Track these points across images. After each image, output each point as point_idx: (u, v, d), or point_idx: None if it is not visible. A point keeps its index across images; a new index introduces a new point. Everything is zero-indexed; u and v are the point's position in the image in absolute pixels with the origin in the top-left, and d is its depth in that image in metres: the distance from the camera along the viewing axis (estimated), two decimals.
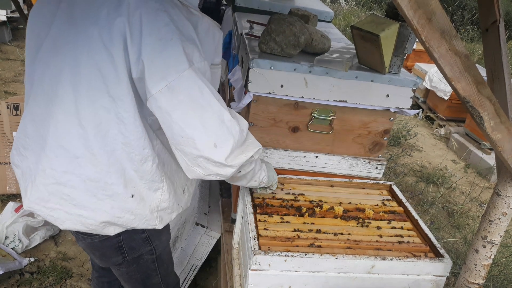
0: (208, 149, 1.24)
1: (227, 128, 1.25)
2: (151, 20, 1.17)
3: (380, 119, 1.95)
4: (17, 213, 2.96)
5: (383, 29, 1.68)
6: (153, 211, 1.44)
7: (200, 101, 1.21)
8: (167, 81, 1.17)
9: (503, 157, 1.14)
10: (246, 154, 1.34)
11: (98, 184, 1.32)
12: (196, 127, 1.22)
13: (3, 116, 3.18)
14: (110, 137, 1.28)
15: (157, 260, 1.62)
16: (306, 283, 1.42)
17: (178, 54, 1.17)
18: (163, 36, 1.16)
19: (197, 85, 1.20)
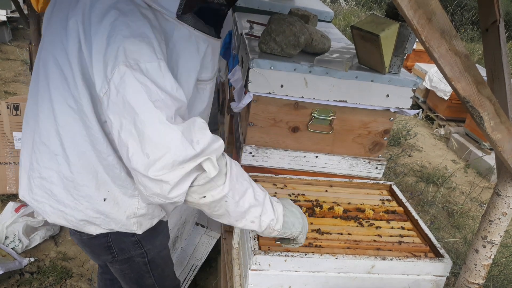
0: (139, 159, 1.06)
1: (160, 134, 1.05)
2: (100, 18, 1.11)
3: (380, 119, 1.95)
4: (17, 213, 2.96)
5: (383, 29, 1.68)
6: (130, 217, 1.40)
7: (130, 101, 1.06)
8: (107, 82, 1.08)
9: (503, 157, 1.14)
10: (185, 165, 1.07)
11: (72, 183, 1.32)
12: (131, 133, 1.07)
13: (3, 116, 3.19)
14: (79, 138, 1.26)
15: (149, 263, 1.60)
16: (306, 283, 1.42)
17: (116, 51, 1.07)
18: (108, 33, 1.09)
19: (129, 84, 1.06)
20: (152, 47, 1.09)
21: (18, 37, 7.29)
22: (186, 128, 1.08)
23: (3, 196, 3.37)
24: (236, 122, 2.40)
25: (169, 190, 1.08)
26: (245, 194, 1.19)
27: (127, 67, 1.06)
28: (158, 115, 1.06)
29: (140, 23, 1.11)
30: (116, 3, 1.12)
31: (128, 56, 1.06)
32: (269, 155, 1.96)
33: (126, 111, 1.06)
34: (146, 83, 1.06)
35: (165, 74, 1.10)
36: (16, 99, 3.20)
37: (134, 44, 1.07)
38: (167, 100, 1.08)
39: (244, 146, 1.94)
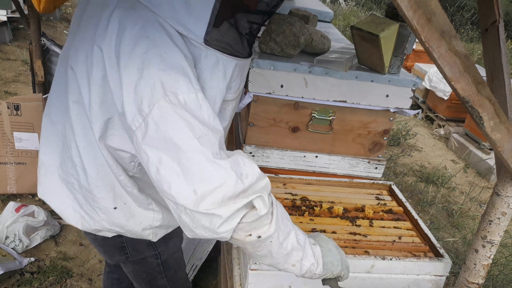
0: (186, 195, 1.03)
1: (208, 171, 1.02)
2: (131, 48, 1.05)
3: (379, 119, 1.95)
4: (18, 213, 2.96)
5: (383, 29, 1.68)
6: (145, 229, 1.40)
7: (173, 138, 1.02)
8: (142, 117, 1.03)
9: (502, 157, 1.14)
10: (237, 201, 1.04)
11: (90, 194, 1.31)
12: (174, 168, 1.03)
13: (3, 116, 3.19)
14: (98, 152, 1.24)
15: (162, 264, 1.60)
16: (306, 282, 1.42)
17: (154, 85, 1.02)
18: (140, 66, 1.03)
19: (171, 120, 1.02)
20: (188, 78, 1.05)
21: (19, 37, 7.29)
22: (234, 162, 1.06)
23: (4, 196, 3.37)
24: (236, 122, 2.41)
25: (219, 225, 1.05)
26: (288, 235, 1.14)
27: (168, 103, 1.01)
28: (204, 153, 1.02)
29: (173, 53, 1.06)
30: (145, 31, 1.06)
31: (167, 90, 1.01)
32: (269, 155, 1.96)
33: (167, 148, 1.02)
34: (188, 118, 1.03)
35: (202, 105, 1.06)
36: (16, 99, 3.20)
37: (171, 76, 1.03)
38: (209, 135, 1.05)
39: (244, 146, 1.94)
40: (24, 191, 3.41)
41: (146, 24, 1.07)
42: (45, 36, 3.50)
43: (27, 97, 3.25)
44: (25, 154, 3.31)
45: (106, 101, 1.13)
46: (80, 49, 1.16)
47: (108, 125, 1.18)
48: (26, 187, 3.39)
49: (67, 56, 1.24)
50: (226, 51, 1.17)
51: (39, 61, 3.45)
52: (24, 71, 6.05)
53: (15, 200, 3.31)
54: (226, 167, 1.03)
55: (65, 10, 9.02)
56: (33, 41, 3.39)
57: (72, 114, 1.22)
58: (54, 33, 7.62)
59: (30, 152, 3.30)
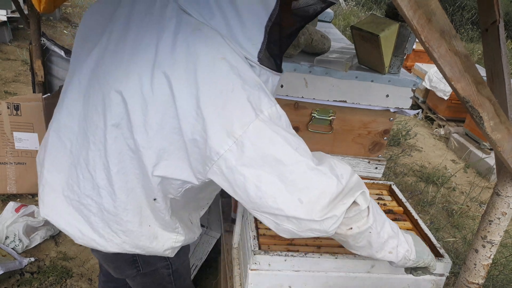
0: (294, 206, 1.05)
1: (311, 179, 1.06)
2: (208, 71, 1.03)
3: (380, 119, 1.95)
4: (18, 213, 2.96)
5: (383, 29, 1.68)
6: (166, 250, 1.39)
7: (273, 154, 1.03)
8: (234, 138, 1.02)
9: (502, 157, 1.14)
10: (345, 201, 1.09)
11: (114, 217, 1.27)
12: (275, 183, 1.04)
13: (3, 116, 3.19)
14: (131, 176, 1.21)
15: (173, 274, 1.58)
16: (306, 283, 1.42)
17: (242, 106, 1.02)
18: (223, 88, 1.02)
19: (268, 137, 1.03)
20: (266, 92, 1.06)
21: (18, 37, 7.29)
22: (330, 165, 1.10)
23: (3, 196, 3.37)
24: None
25: (331, 224, 1.09)
26: (384, 224, 1.20)
27: (261, 121, 1.02)
28: (306, 163, 1.05)
29: (248, 70, 1.07)
30: (219, 52, 1.05)
31: (256, 108, 1.02)
32: None
33: (267, 164, 1.03)
34: (281, 132, 1.05)
35: (281, 115, 1.09)
36: (16, 99, 3.20)
37: (254, 95, 1.04)
38: (301, 143, 1.08)
39: None
40: (24, 191, 3.41)
41: (217, 45, 1.06)
42: (45, 36, 3.50)
43: (27, 97, 3.25)
44: (25, 154, 3.31)
45: (163, 129, 1.10)
46: (133, 72, 1.10)
47: (162, 154, 1.14)
48: (26, 187, 3.39)
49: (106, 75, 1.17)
50: (274, 68, 1.19)
51: (39, 61, 3.46)
52: (24, 71, 6.05)
53: (15, 200, 3.31)
54: (326, 172, 1.07)
55: (65, 10, 9.02)
56: (33, 41, 3.39)
57: (109, 137, 1.17)
58: (54, 33, 7.62)
59: (30, 152, 3.30)
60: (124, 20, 1.19)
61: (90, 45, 1.25)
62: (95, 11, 1.32)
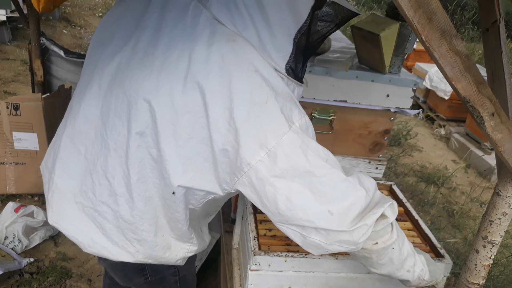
0: (324, 218, 1.06)
1: (342, 190, 1.08)
2: (242, 83, 1.04)
3: (380, 119, 1.94)
4: (17, 213, 2.96)
5: (384, 28, 1.68)
6: (178, 260, 1.38)
7: (305, 165, 1.04)
8: (266, 149, 1.03)
9: (503, 157, 1.13)
10: (374, 211, 1.10)
11: (130, 226, 1.25)
12: (305, 195, 1.05)
13: (2, 116, 3.18)
14: (150, 184, 1.19)
15: (180, 281, 1.56)
16: (306, 283, 1.41)
17: (276, 117, 1.03)
18: (257, 100, 1.03)
19: (300, 148, 1.04)
20: (296, 103, 1.08)
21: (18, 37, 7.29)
22: (358, 177, 1.11)
23: (3, 196, 3.37)
24: None
25: (360, 236, 1.10)
26: (404, 241, 1.22)
27: (294, 132, 1.04)
28: (337, 174, 1.07)
29: (279, 82, 1.08)
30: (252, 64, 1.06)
31: (288, 120, 1.04)
32: None
33: (298, 176, 1.04)
34: (313, 144, 1.06)
35: (309, 126, 1.10)
36: (15, 99, 3.20)
37: (286, 106, 1.05)
38: (330, 154, 1.09)
39: None
40: (23, 191, 3.41)
41: (251, 57, 1.06)
42: (44, 36, 3.50)
43: (26, 97, 3.24)
44: (24, 154, 3.31)
45: (193, 139, 1.09)
46: (164, 82, 1.09)
47: (188, 165, 1.13)
48: (25, 187, 3.39)
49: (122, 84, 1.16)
50: (299, 80, 1.20)
51: (38, 60, 3.45)
52: (23, 71, 6.05)
53: (14, 200, 3.31)
54: (355, 183, 1.09)
55: (65, 10, 9.02)
56: (32, 40, 3.39)
57: (132, 145, 1.15)
58: (54, 33, 7.62)
59: (29, 152, 3.30)
60: (153, 28, 1.17)
61: (112, 50, 1.22)
62: (118, 15, 1.29)
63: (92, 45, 1.34)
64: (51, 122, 3.27)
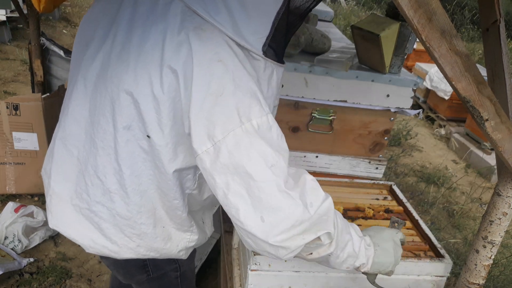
0: (253, 223, 1.03)
1: (278, 201, 1.02)
2: (203, 72, 1.03)
3: (380, 119, 1.94)
4: (17, 213, 2.96)
5: (384, 28, 1.68)
6: (181, 250, 1.38)
7: (245, 166, 1.01)
8: (213, 142, 1.02)
9: (503, 157, 1.14)
10: (305, 236, 1.06)
11: (127, 222, 1.26)
12: (242, 195, 1.03)
13: (2, 116, 3.18)
14: (144, 178, 1.20)
15: (180, 276, 1.57)
16: (306, 283, 1.41)
17: (228, 111, 1.01)
18: (213, 91, 1.02)
19: (245, 149, 1.01)
20: (259, 101, 1.04)
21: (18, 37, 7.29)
22: (301, 191, 1.06)
23: (3, 197, 3.37)
24: None
25: (285, 255, 1.07)
26: (345, 246, 1.19)
27: (243, 131, 1.01)
28: (277, 182, 1.03)
29: (244, 77, 1.04)
30: (217, 54, 1.04)
31: (242, 117, 1.01)
32: None
33: (238, 175, 1.02)
34: (262, 147, 1.02)
35: (272, 126, 1.07)
36: (15, 99, 3.20)
37: (244, 103, 1.02)
38: (280, 161, 1.05)
39: None
40: (23, 191, 3.41)
41: (217, 47, 1.05)
42: (44, 36, 3.49)
43: (26, 97, 3.24)
44: (24, 154, 3.31)
45: (176, 124, 1.11)
46: (141, 73, 1.10)
47: (177, 148, 1.15)
48: (25, 187, 3.39)
49: (104, 81, 1.17)
50: (279, 60, 1.18)
51: (38, 60, 3.45)
52: (23, 70, 6.04)
53: (14, 200, 3.30)
54: (296, 197, 1.04)
55: (65, 10, 9.02)
56: (32, 40, 3.39)
57: (121, 140, 1.16)
58: (53, 33, 7.62)
59: (29, 152, 3.30)
60: (127, 22, 1.18)
61: (94, 48, 1.23)
62: (97, 12, 1.30)
63: (75, 45, 1.34)
64: (51, 122, 3.27)
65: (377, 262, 1.25)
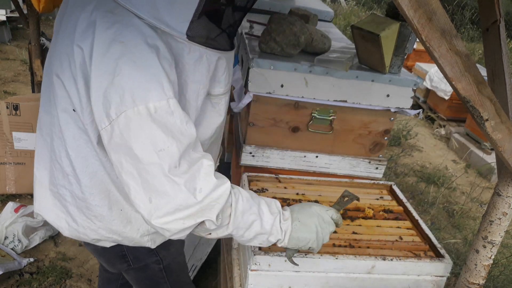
0: (141, 203, 1.08)
1: (162, 185, 1.06)
2: (104, 51, 1.05)
3: (380, 119, 1.94)
4: (17, 213, 2.96)
5: (384, 28, 1.68)
6: (143, 235, 1.39)
7: (134, 149, 1.04)
8: (109, 121, 1.05)
9: (503, 157, 1.14)
10: (185, 222, 1.09)
11: (84, 203, 1.30)
12: (133, 175, 1.07)
13: (2, 116, 3.18)
14: (91, 159, 1.24)
15: (165, 269, 1.59)
16: (306, 283, 1.41)
17: (122, 93, 1.02)
18: (111, 71, 1.03)
19: (134, 131, 1.04)
20: (160, 85, 1.05)
21: (18, 37, 7.29)
22: (190, 177, 1.08)
23: (3, 196, 3.37)
24: (236, 122, 2.40)
25: (169, 235, 1.13)
26: (250, 226, 1.20)
27: (134, 114, 1.03)
28: (161, 167, 1.05)
29: (147, 58, 1.05)
30: (120, 35, 1.05)
31: (136, 99, 1.02)
32: (269, 155, 1.95)
33: (128, 156, 1.06)
34: (153, 131, 1.04)
35: (174, 111, 1.07)
36: (15, 99, 3.20)
37: (142, 85, 1.03)
38: (172, 147, 1.06)
39: (244, 146, 1.93)
40: (23, 191, 3.41)
41: (121, 28, 1.06)
42: (44, 36, 3.50)
43: (26, 97, 3.24)
44: (24, 154, 3.31)
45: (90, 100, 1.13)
46: (63, 53, 1.14)
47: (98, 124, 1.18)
48: (25, 188, 3.39)
49: (51, 65, 1.22)
50: (208, 45, 1.18)
51: (38, 60, 3.46)
52: (23, 70, 6.05)
53: (14, 200, 3.31)
54: (180, 183, 1.06)
55: None
56: (32, 40, 3.39)
57: (62, 123, 1.21)
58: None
59: (29, 152, 3.30)
60: (61, 15, 1.25)
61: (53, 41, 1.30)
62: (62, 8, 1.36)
63: None
64: None
65: (295, 237, 1.24)
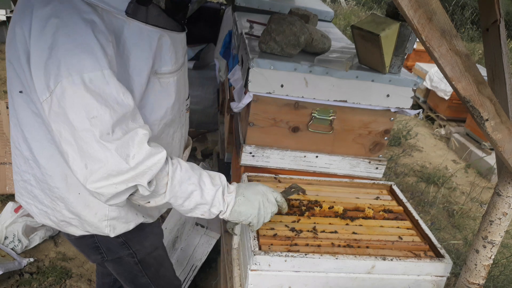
0: (77, 168, 1.13)
1: (95, 150, 1.11)
2: (41, 26, 1.11)
3: (380, 119, 1.94)
4: (17, 213, 2.96)
5: (384, 28, 1.68)
6: (102, 220, 1.40)
7: (68, 116, 1.10)
8: (49, 92, 1.10)
9: (503, 157, 1.14)
10: (117, 186, 1.14)
11: (46, 185, 1.34)
12: (70, 143, 1.12)
13: (2, 116, 3.18)
14: (46, 142, 1.28)
15: (140, 263, 1.61)
16: (306, 283, 1.41)
17: (58, 63, 1.08)
18: (48, 45, 1.09)
19: (69, 99, 1.09)
20: (94, 56, 1.10)
21: None
22: (122, 143, 1.13)
23: (3, 196, 3.37)
24: (236, 122, 2.40)
25: (105, 201, 1.17)
26: (189, 196, 1.25)
27: (69, 83, 1.08)
28: (93, 133, 1.10)
29: (82, 32, 1.11)
30: (56, 11, 1.11)
31: (71, 69, 1.08)
32: (269, 155, 1.95)
33: (65, 124, 1.11)
34: (86, 99, 1.09)
35: (109, 81, 1.12)
36: None
37: (76, 56, 1.09)
38: (105, 115, 1.11)
39: (244, 146, 1.93)
40: None
41: (58, 6, 1.12)
42: None
43: None
44: None
45: None
46: (11, 38, 1.20)
47: None
48: None
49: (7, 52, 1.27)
50: (149, 21, 1.23)
51: None
52: None
53: (14, 200, 3.30)
54: (111, 148, 1.11)
55: None
56: None
57: (18, 107, 1.26)
58: None
59: None
60: None
61: None
62: None
63: None
64: None
65: (237, 210, 1.32)
